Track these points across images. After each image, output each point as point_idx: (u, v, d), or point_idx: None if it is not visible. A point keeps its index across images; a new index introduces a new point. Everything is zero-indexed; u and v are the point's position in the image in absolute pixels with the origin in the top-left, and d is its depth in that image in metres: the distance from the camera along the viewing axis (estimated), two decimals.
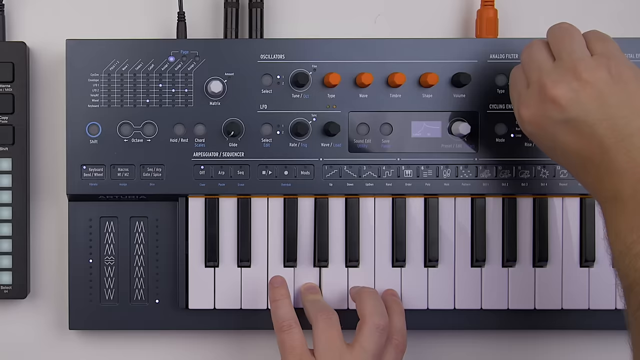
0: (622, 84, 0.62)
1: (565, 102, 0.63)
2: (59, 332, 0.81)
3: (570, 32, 0.66)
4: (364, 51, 0.77)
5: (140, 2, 0.81)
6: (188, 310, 0.78)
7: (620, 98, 0.62)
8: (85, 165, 0.76)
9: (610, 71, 0.63)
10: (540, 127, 0.66)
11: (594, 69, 0.63)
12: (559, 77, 0.64)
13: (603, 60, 0.64)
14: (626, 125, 0.61)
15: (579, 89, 0.63)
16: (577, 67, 0.63)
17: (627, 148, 0.61)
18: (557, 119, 0.64)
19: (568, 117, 0.63)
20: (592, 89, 0.62)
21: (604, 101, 0.62)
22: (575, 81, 0.63)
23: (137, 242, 0.78)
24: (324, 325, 0.71)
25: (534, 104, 0.66)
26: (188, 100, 0.76)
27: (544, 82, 0.64)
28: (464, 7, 0.82)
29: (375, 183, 0.77)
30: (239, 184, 0.77)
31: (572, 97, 0.63)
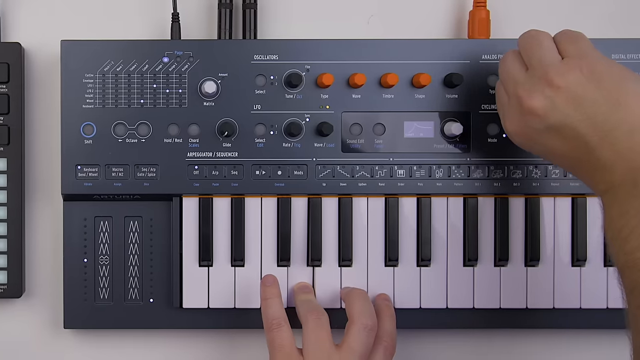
0: (595, 81, 0.63)
1: (542, 111, 0.64)
2: (54, 331, 0.82)
3: (538, 39, 0.67)
4: (357, 52, 0.77)
5: (135, 3, 0.82)
6: (182, 309, 0.78)
7: (596, 95, 0.62)
8: (80, 165, 0.77)
9: (582, 71, 0.63)
10: (526, 137, 0.67)
11: (565, 72, 0.63)
12: (532, 86, 0.65)
13: (574, 62, 0.64)
14: (605, 121, 0.62)
15: (553, 95, 0.63)
16: (548, 74, 0.64)
17: (611, 142, 0.61)
18: (539, 128, 0.65)
19: (549, 124, 0.64)
20: (566, 93, 0.63)
21: (579, 102, 0.63)
22: (548, 88, 0.64)
23: (131, 242, 0.79)
24: (314, 326, 0.72)
25: (515, 117, 0.67)
26: (182, 101, 0.77)
27: (520, 94, 0.65)
28: (456, 8, 0.83)
29: (368, 183, 0.78)
30: (233, 184, 0.77)
31: (548, 105, 0.64)
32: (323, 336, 0.71)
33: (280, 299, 0.75)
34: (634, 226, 0.59)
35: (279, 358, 0.72)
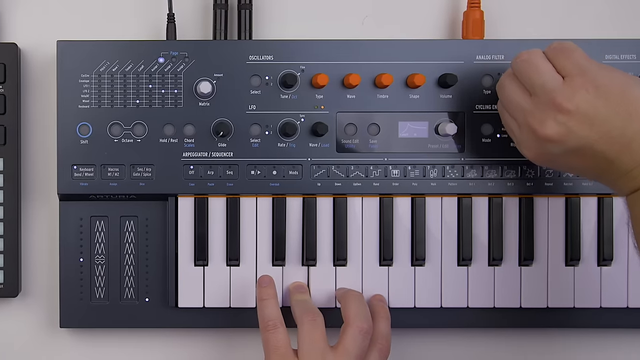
0: (603, 97, 0.63)
1: (558, 137, 0.65)
2: (50, 330, 0.82)
3: (534, 63, 0.67)
4: (352, 52, 0.77)
5: (130, 3, 0.82)
6: (177, 308, 0.78)
7: (607, 111, 0.63)
8: (75, 165, 0.77)
9: (587, 90, 0.64)
10: (547, 160, 0.69)
11: (572, 95, 0.64)
12: (542, 114, 0.65)
13: (577, 82, 0.64)
14: (622, 135, 0.63)
15: (565, 120, 0.64)
16: (556, 99, 0.64)
17: (630, 153, 0.63)
18: (558, 152, 0.66)
19: (567, 148, 0.65)
20: (577, 116, 0.64)
21: (593, 122, 0.63)
22: (559, 114, 0.64)
23: (127, 241, 0.79)
24: (309, 327, 0.72)
25: (532, 145, 0.68)
26: (177, 101, 0.77)
27: (531, 124, 0.66)
28: (450, 9, 0.83)
29: (362, 183, 0.78)
30: (228, 184, 0.78)
31: (563, 131, 0.64)
32: (318, 337, 0.72)
33: (276, 299, 0.76)
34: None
35: (274, 359, 0.72)
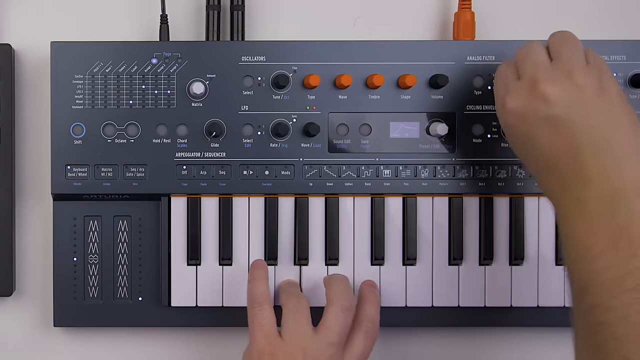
0: (607, 98, 0.64)
1: (554, 100, 0.64)
2: (44, 329, 0.83)
3: (573, 40, 0.68)
4: (344, 53, 0.78)
5: (124, 4, 0.83)
6: (170, 307, 0.79)
7: (604, 110, 0.64)
8: (69, 165, 0.78)
9: (600, 82, 0.65)
10: (521, 118, 0.67)
11: (588, 76, 0.65)
12: (554, 76, 0.65)
13: (596, 72, 0.65)
14: (605, 136, 0.63)
15: (570, 90, 0.64)
16: (573, 71, 0.65)
17: (602, 157, 0.62)
18: (541, 114, 0.65)
19: (552, 114, 0.64)
20: (581, 94, 0.64)
21: (589, 109, 0.64)
22: (568, 82, 0.65)
23: (120, 241, 0.79)
24: (293, 308, 0.73)
25: (521, 96, 0.67)
26: (170, 102, 0.78)
27: (538, 77, 0.66)
28: (441, 10, 0.83)
29: (354, 183, 0.78)
30: (221, 184, 0.78)
31: (561, 97, 0.64)
32: (301, 318, 0.72)
33: (266, 280, 0.76)
34: (604, 247, 0.59)
35: (258, 337, 0.72)
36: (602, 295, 0.59)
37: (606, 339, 0.58)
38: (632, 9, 0.83)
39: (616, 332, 0.57)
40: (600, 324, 0.58)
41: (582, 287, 0.60)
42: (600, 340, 0.58)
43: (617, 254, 0.59)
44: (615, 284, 0.58)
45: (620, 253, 0.59)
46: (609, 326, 0.58)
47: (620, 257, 0.59)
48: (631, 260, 0.58)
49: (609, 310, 0.58)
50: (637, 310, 0.57)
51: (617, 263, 0.59)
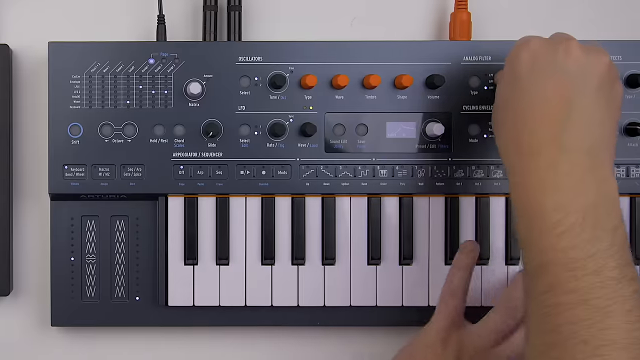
0: (611, 93, 0.66)
1: (575, 57, 0.64)
2: (41, 329, 0.83)
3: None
4: (340, 53, 0.78)
5: (121, 5, 0.83)
6: (168, 307, 0.79)
7: (603, 98, 0.64)
8: (67, 165, 0.78)
9: (614, 77, 0.66)
10: (535, 62, 0.65)
11: (612, 67, 0.66)
12: (582, 46, 0.65)
13: (615, 72, 0.67)
14: (595, 117, 0.63)
15: (590, 62, 0.64)
16: (603, 52, 0.65)
17: (585, 133, 0.62)
18: (558, 63, 0.64)
19: (568, 68, 0.64)
20: (595, 71, 0.64)
21: (594, 88, 0.64)
22: (593, 55, 0.64)
23: (117, 241, 0.80)
24: None
25: (547, 41, 0.66)
26: (168, 102, 0.78)
27: (569, 37, 0.66)
28: (437, 10, 0.84)
29: (351, 182, 0.79)
30: (218, 184, 0.78)
31: (581, 60, 0.64)
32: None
33: (470, 272, 0.76)
34: (571, 225, 0.59)
35: (440, 317, 0.75)
36: (563, 275, 0.58)
37: (565, 322, 0.57)
38: (628, 9, 0.84)
39: (576, 315, 0.57)
40: (559, 305, 0.58)
41: (542, 265, 0.60)
42: (558, 323, 0.58)
43: (583, 234, 0.59)
44: (578, 265, 0.58)
45: (586, 234, 0.59)
46: (569, 308, 0.57)
47: (585, 237, 0.59)
48: (595, 242, 0.58)
49: (570, 292, 0.58)
50: (597, 294, 0.57)
51: (581, 244, 0.58)
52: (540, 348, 0.59)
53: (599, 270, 0.58)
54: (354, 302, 0.79)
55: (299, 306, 0.79)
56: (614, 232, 0.59)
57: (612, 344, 0.56)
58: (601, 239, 0.59)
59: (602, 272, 0.58)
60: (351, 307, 0.79)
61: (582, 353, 0.56)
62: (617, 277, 0.58)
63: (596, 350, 0.56)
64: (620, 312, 0.57)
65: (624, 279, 0.58)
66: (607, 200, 0.60)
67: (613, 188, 0.62)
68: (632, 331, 0.56)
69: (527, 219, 0.62)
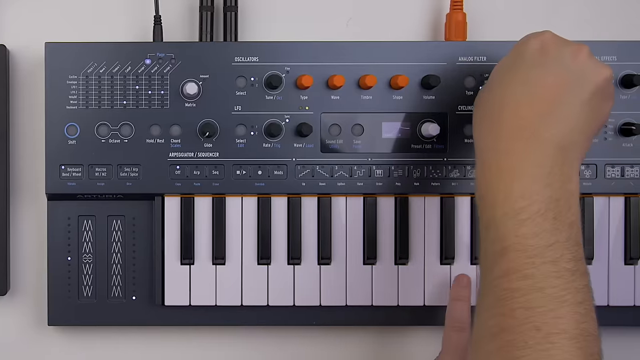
0: (607, 97, 0.68)
1: (584, 57, 0.65)
2: (38, 328, 0.83)
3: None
4: (336, 54, 0.78)
5: (118, 5, 0.83)
6: (164, 306, 0.79)
7: (596, 100, 0.66)
8: (63, 165, 0.78)
9: (609, 84, 0.67)
10: (545, 50, 0.66)
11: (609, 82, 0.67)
12: (595, 58, 0.67)
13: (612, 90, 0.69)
14: (580, 115, 0.64)
15: (594, 67, 0.65)
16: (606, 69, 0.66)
17: (565, 129, 0.64)
18: (565, 56, 0.65)
19: (570, 67, 0.65)
20: (596, 80, 0.65)
21: (588, 92, 0.65)
22: (601, 66, 0.66)
23: (114, 240, 0.80)
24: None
25: (560, 39, 0.67)
26: (164, 102, 0.78)
27: (585, 47, 0.66)
28: (433, 11, 0.84)
29: (346, 182, 0.79)
30: (214, 184, 0.79)
31: (588, 63, 0.65)
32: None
33: (469, 303, 0.77)
34: (534, 213, 0.60)
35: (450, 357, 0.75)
36: (522, 261, 0.59)
37: (519, 307, 0.58)
38: (623, 10, 0.84)
39: (531, 301, 0.58)
40: (515, 290, 0.59)
41: (502, 249, 0.61)
42: (513, 307, 0.59)
43: (544, 223, 0.60)
44: (537, 253, 0.59)
45: (547, 224, 0.60)
46: (524, 294, 0.58)
47: (547, 227, 0.60)
48: (555, 233, 0.60)
49: (527, 278, 0.59)
50: (553, 284, 0.58)
51: (542, 232, 0.60)
52: (492, 330, 0.60)
53: (557, 261, 0.59)
54: (349, 301, 0.79)
55: (295, 306, 0.79)
56: (571, 227, 0.61)
57: (563, 332, 0.57)
58: (560, 231, 0.60)
59: (559, 262, 0.59)
60: (347, 306, 0.79)
61: (534, 339, 0.57)
62: (572, 269, 0.59)
63: (547, 337, 0.57)
64: (573, 303, 0.58)
65: (578, 272, 0.59)
66: (568, 197, 0.62)
67: (575, 188, 0.63)
68: (581, 322, 0.58)
69: (492, 203, 0.63)
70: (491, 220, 0.62)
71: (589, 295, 0.60)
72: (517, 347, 0.57)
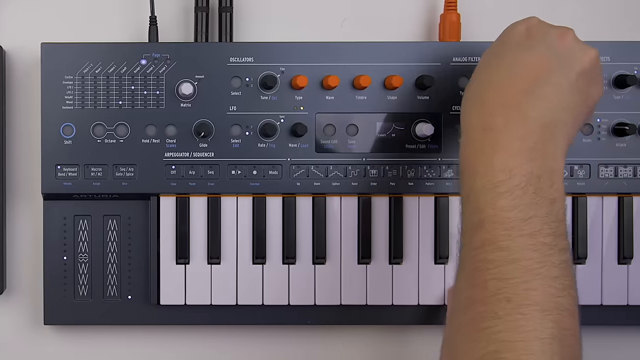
0: (594, 79, 0.68)
1: (569, 39, 0.66)
2: (35, 328, 0.84)
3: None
4: (331, 54, 0.79)
5: (114, 6, 0.84)
6: (159, 305, 0.80)
7: (584, 82, 0.66)
8: (59, 165, 0.78)
9: (597, 67, 0.68)
10: (531, 33, 0.68)
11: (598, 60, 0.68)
12: (581, 41, 0.67)
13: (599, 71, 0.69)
14: (566, 96, 0.65)
15: (579, 49, 0.66)
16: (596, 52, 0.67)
17: (551, 107, 0.64)
18: (550, 38, 0.66)
19: (555, 48, 0.66)
20: (582, 58, 0.66)
21: (577, 70, 0.65)
22: (585, 49, 0.66)
23: (110, 240, 0.80)
24: None
25: (546, 23, 0.69)
26: (159, 102, 0.78)
27: (571, 30, 0.68)
28: (427, 11, 0.84)
29: (341, 182, 0.79)
30: (209, 184, 0.79)
31: (572, 44, 0.66)
32: None
33: None
34: (514, 187, 0.60)
35: None
36: (498, 233, 0.59)
37: (492, 278, 0.58)
38: (616, 11, 0.84)
39: (504, 273, 0.58)
40: (489, 261, 0.59)
41: (479, 221, 0.61)
42: (486, 279, 0.59)
43: (524, 197, 0.60)
44: (514, 225, 0.59)
45: (527, 198, 0.60)
46: (498, 265, 0.59)
47: (526, 201, 0.60)
48: (534, 207, 0.60)
49: (502, 249, 0.59)
50: (528, 256, 0.58)
51: (520, 206, 0.60)
52: (465, 302, 0.60)
53: (534, 234, 0.59)
54: (344, 301, 0.80)
55: (289, 305, 0.80)
56: (553, 203, 0.61)
57: (535, 304, 0.57)
58: (540, 206, 0.60)
59: (536, 236, 0.59)
60: (341, 305, 0.80)
61: (504, 310, 0.57)
62: (550, 243, 0.59)
63: (518, 309, 0.57)
64: (547, 276, 0.58)
65: (556, 247, 0.59)
66: (551, 174, 0.62)
67: (560, 166, 0.63)
68: (555, 296, 0.57)
69: (472, 175, 0.63)
70: (470, 191, 0.63)
71: (567, 271, 0.59)
72: (487, 317, 0.57)
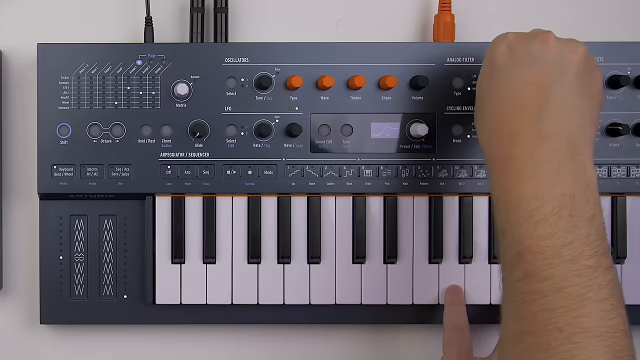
0: (590, 82, 0.67)
1: (552, 47, 0.65)
2: (30, 327, 0.84)
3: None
4: (325, 55, 0.79)
5: (110, 7, 0.84)
6: (155, 305, 0.80)
7: (581, 85, 0.65)
8: (55, 165, 0.79)
9: (591, 65, 0.67)
10: (511, 52, 0.67)
11: (589, 58, 0.67)
12: (563, 39, 0.66)
13: (593, 62, 0.68)
14: (573, 105, 0.64)
15: (566, 51, 0.65)
16: (579, 46, 0.66)
17: (563, 121, 0.63)
18: (533, 54, 0.65)
19: (544, 57, 0.65)
20: (572, 60, 0.65)
21: (571, 76, 0.65)
22: (571, 45, 0.66)
23: (105, 240, 0.80)
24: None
25: (523, 34, 0.67)
26: (155, 102, 0.79)
27: (549, 33, 0.66)
28: (421, 12, 0.85)
29: (336, 182, 0.80)
30: (205, 184, 0.79)
31: (557, 49, 0.65)
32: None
33: (464, 306, 0.79)
34: (548, 214, 0.59)
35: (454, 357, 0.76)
36: (539, 263, 0.59)
37: (540, 309, 0.58)
38: (609, 11, 0.85)
39: (551, 303, 0.57)
40: (534, 292, 0.58)
41: (519, 253, 0.60)
42: (533, 310, 0.58)
43: (559, 222, 0.59)
44: (554, 253, 0.58)
45: (563, 222, 0.59)
46: (544, 296, 0.58)
47: (562, 226, 0.59)
48: (572, 231, 0.59)
49: (546, 279, 0.58)
50: (573, 282, 0.57)
51: (558, 232, 0.59)
52: (515, 334, 0.59)
53: (575, 259, 0.58)
54: (339, 300, 0.80)
55: (284, 304, 0.80)
56: (591, 221, 0.60)
57: (586, 331, 0.56)
58: (578, 228, 0.59)
59: (578, 260, 0.58)
60: (336, 305, 0.80)
61: (556, 340, 0.56)
62: (593, 265, 0.58)
63: (571, 338, 0.56)
64: (596, 300, 0.57)
65: (600, 268, 0.58)
66: (585, 190, 0.61)
67: (592, 177, 0.62)
68: (606, 320, 0.57)
69: (505, 208, 0.62)
70: (506, 225, 0.62)
71: (615, 290, 0.58)
72: (541, 349, 0.57)
